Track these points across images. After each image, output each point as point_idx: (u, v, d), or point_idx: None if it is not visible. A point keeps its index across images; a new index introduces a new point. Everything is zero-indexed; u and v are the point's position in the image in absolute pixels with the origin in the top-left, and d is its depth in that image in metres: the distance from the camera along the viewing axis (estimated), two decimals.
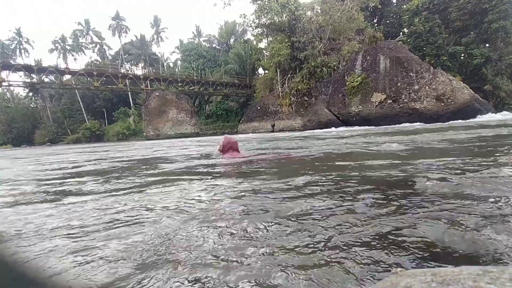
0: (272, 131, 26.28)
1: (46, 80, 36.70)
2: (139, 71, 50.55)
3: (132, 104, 46.64)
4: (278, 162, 4.01)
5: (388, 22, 33.36)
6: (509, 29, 24.02)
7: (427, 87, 19.20)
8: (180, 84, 36.88)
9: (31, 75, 30.60)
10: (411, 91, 19.64)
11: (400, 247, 1.06)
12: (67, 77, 35.35)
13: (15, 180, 3.73)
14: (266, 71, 34.00)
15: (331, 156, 4.42)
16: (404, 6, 29.04)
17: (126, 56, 53.04)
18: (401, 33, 30.61)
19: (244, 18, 29.29)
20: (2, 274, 0.41)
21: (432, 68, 20.00)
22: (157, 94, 36.15)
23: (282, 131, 24.42)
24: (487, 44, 25.64)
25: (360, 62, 22.27)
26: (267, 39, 31.96)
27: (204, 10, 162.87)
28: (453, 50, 25.63)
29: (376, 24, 33.23)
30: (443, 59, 24.82)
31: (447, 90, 18.68)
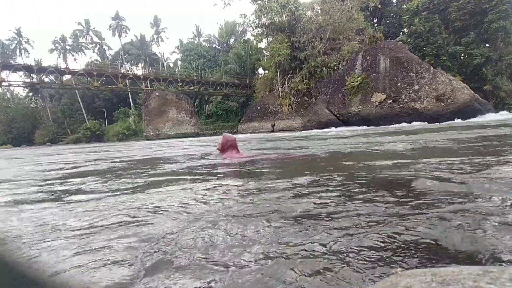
0: (272, 131, 26.26)
1: (46, 80, 36.69)
2: (139, 71, 50.63)
3: (132, 104, 46.65)
4: (281, 162, 3.99)
5: (388, 22, 33.35)
6: (509, 29, 24.01)
7: (427, 87, 19.19)
8: (180, 84, 36.87)
9: (31, 75, 30.58)
10: (411, 91, 19.63)
11: (402, 248, 1.05)
12: (67, 77, 35.36)
13: (14, 181, 3.72)
14: (266, 71, 33.99)
15: (335, 156, 4.39)
16: (404, 6, 29.02)
17: (126, 56, 53.03)
18: (401, 33, 30.59)
19: (244, 18, 29.34)
20: (2, 274, 0.42)
21: (432, 68, 19.99)
22: (157, 94, 36.12)
23: (282, 131, 24.41)
24: (487, 44, 25.63)
25: (360, 62, 22.26)
26: (267, 39, 31.97)
27: (204, 10, 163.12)
28: (453, 50, 25.62)
29: (376, 24, 33.22)
30: (443, 59, 24.81)
31: (447, 90, 18.67)
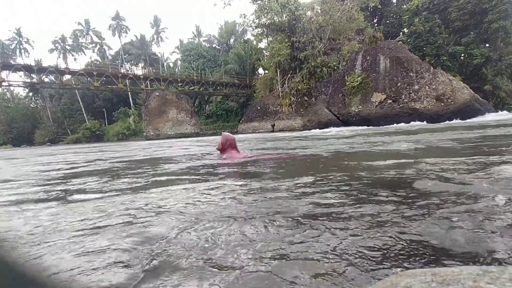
0: (272, 131, 26.27)
1: (46, 80, 36.70)
2: (139, 71, 50.65)
3: (132, 104, 46.66)
4: (283, 162, 3.97)
5: (388, 22, 33.36)
6: (509, 29, 24.01)
7: (427, 87, 19.19)
8: (180, 84, 36.87)
9: (31, 75, 30.59)
10: (411, 91, 19.63)
11: (406, 248, 1.05)
12: (67, 77, 35.38)
13: (14, 181, 3.72)
14: (266, 71, 33.99)
15: (337, 156, 4.37)
16: (404, 6, 29.03)
17: (126, 56, 53.05)
18: (401, 33, 30.60)
19: (244, 18, 29.34)
20: (2, 274, 0.42)
21: (432, 68, 20.00)
22: (157, 94, 36.12)
23: (282, 131, 24.40)
24: (487, 44, 25.64)
25: (360, 62, 22.27)
26: (267, 39, 31.97)
27: (204, 10, 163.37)
28: (453, 50, 25.62)
29: (376, 24, 33.22)
30: (443, 59, 24.81)
31: (447, 90, 18.68)
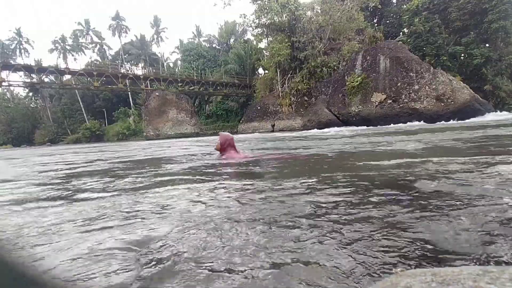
0: (272, 131, 26.26)
1: (46, 80, 36.68)
2: (139, 71, 50.64)
3: (132, 104, 46.64)
4: (284, 162, 3.96)
5: (388, 22, 33.35)
6: (509, 29, 24.00)
7: (427, 87, 19.19)
8: (180, 84, 36.85)
9: (31, 75, 30.57)
10: (411, 91, 19.63)
11: (405, 248, 1.05)
12: (67, 77, 35.35)
13: (14, 181, 3.71)
14: (266, 71, 33.97)
15: (339, 155, 4.36)
16: (404, 6, 29.02)
17: (126, 56, 53.03)
18: (401, 33, 30.58)
19: (244, 18, 29.31)
20: (2, 274, 0.42)
21: (432, 68, 19.98)
22: (157, 94, 36.11)
23: (282, 131, 24.39)
24: (487, 44, 25.62)
25: (360, 62, 22.26)
26: (267, 39, 31.94)
27: (204, 10, 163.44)
28: (453, 50, 25.61)
29: (376, 24, 33.21)
30: (443, 59, 24.80)
31: (447, 90, 18.67)
